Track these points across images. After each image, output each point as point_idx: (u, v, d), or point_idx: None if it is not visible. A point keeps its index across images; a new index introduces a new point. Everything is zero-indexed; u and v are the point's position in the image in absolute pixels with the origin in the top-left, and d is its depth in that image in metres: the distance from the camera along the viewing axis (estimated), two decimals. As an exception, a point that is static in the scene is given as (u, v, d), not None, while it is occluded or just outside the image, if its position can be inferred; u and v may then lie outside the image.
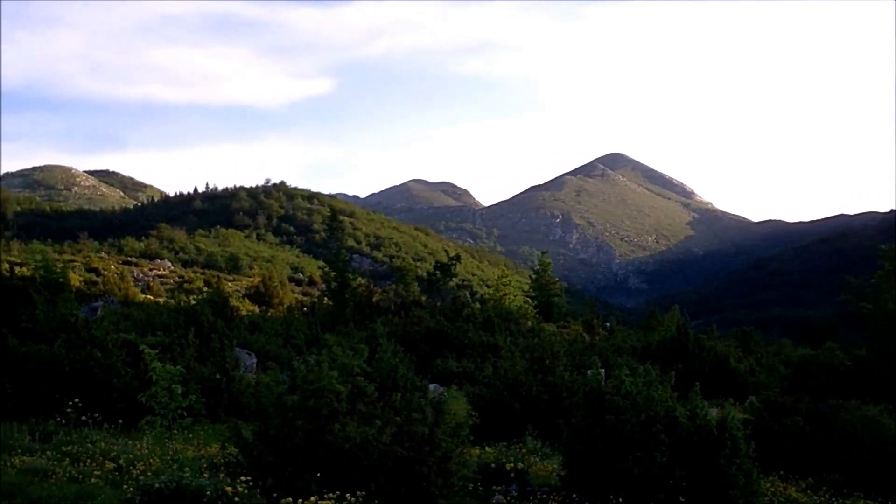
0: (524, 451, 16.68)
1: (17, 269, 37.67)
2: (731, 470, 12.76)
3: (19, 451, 12.66)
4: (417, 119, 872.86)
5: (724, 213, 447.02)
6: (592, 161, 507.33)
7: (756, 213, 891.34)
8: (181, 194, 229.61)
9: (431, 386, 23.54)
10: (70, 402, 15.66)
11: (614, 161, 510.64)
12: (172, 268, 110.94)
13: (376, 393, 11.84)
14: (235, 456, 11.65)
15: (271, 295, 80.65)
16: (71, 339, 17.68)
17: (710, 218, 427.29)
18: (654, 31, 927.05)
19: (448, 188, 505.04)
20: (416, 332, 42.57)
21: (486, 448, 16.74)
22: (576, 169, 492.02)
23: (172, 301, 63.62)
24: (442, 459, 11.64)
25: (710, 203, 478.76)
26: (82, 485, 10.84)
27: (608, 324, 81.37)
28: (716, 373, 36.44)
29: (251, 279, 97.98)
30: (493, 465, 14.93)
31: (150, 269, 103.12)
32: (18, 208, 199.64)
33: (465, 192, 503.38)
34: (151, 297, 75.92)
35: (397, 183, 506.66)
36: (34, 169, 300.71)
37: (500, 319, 53.30)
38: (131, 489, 10.49)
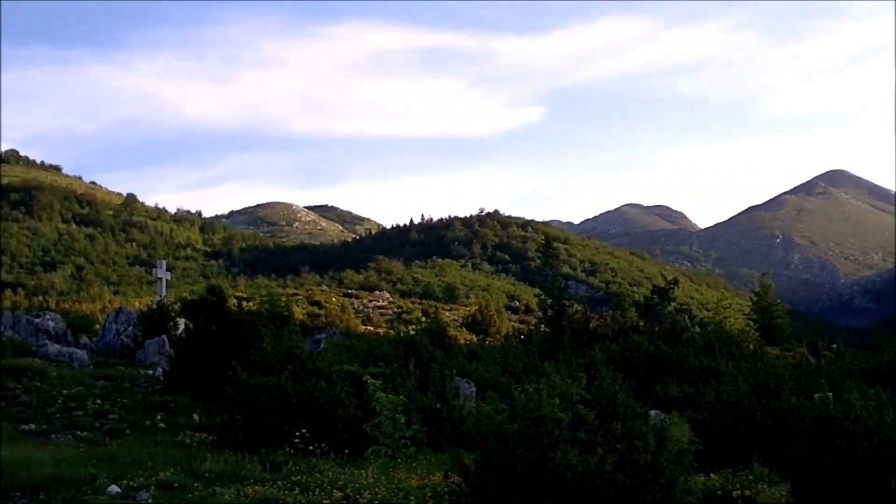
0: (750, 477, 16.26)
1: (244, 303, 39.02)
2: (973, 497, 12.14)
3: (252, 480, 13.07)
4: (630, 143, 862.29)
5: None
6: (813, 179, 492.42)
7: None
8: (397, 226, 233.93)
9: (652, 412, 23.24)
10: (298, 433, 16.11)
11: (836, 178, 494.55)
12: (391, 298, 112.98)
13: (597, 420, 11.74)
14: (459, 485, 11.72)
15: (488, 323, 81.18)
16: (297, 371, 18.17)
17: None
18: (871, 45, 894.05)
19: (663, 211, 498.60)
20: (634, 357, 42.01)
21: (711, 475, 16.40)
22: (795, 188, 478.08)
23: (392, 331, 64.79)
24: (666, 487, 11.44)
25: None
26: (312, 513, 11.13)
27: (834, 345, 78.57)
28: (953, 395, 34.70)
29: (468, 308, 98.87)
30: (718, 492, 14.62)
31: (370, 301, 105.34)
32: (244, 244, 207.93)
33: (681, 215, 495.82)
34: (371, 328, 77.47)
35: (611, 208, 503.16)
36: (257, 206, 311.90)
37: (721, 343, 52.14)
38: (359, 518, 10.72)
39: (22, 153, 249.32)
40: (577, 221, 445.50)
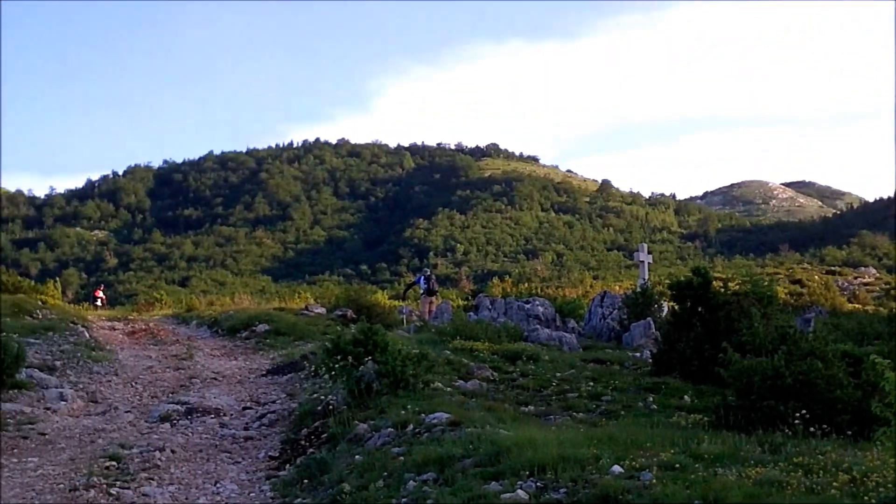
0: None
1: (728, 284, 38.69)
2: None
3: (752, 462, 12.93)
4: None
5: None
6: None
7: None
8: (881, 199, 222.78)
9: None
10: (797, 414, 15.76)
11: None
12: (877, 275, 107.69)
13: None
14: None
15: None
16: (791, 352, 17.79)
17: None
18: None
19: None
20: None
21: None
22: None
23: (882, 309, 61.85)
24: None
25: None
26: (820, 496, 10.84)
27: None
28: None
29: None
30: None
31: (855, 278, 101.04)
32: (720, 225, 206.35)
33: None
34: (859, 306, 74.41)
35: None
36: (732, 186, 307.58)
37: None
38: (873, 501, 10.33)
39: (501, 146, 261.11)
40: None
